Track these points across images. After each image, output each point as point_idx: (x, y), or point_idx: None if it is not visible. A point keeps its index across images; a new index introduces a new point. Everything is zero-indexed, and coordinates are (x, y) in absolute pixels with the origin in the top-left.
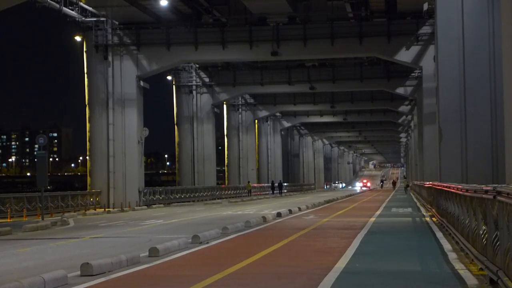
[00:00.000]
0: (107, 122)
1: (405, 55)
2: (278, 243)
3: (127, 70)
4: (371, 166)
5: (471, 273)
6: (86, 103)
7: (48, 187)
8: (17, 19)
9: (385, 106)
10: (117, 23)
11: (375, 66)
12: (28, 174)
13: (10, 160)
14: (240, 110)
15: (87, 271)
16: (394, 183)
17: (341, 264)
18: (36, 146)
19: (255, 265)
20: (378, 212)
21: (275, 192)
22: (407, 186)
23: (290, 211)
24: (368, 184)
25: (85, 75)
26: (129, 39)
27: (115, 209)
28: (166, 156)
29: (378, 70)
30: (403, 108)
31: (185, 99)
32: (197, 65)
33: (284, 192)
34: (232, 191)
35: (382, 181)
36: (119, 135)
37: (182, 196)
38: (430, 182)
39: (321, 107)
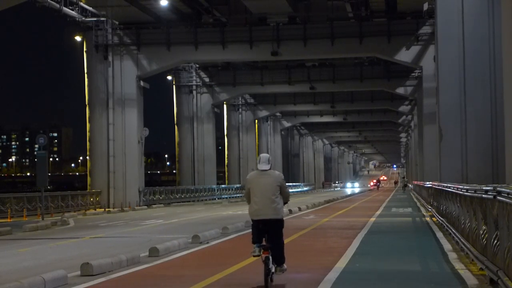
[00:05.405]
0: (107, 122)
1: (405, 55)
2: None
3: (127, 70)
4: (371, 166)
5: (471, 273)
6: (86, 103)
7: (48, 187)
8: (17, 19)
9: (385, 106)
10: (117, 23)
11: (375, 66)
12: (28, 174)
13: (10, 160)
14: (240, 110)
15: (87, 271)
16: (396, 183)
17: (341, 264)
18: (36, 146)
19: (255, 265)
20: (378, 212)
21: None
22: (405, 185)
23: (290, 211)
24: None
25: (85, 75)
26: (129, 39)
27: (115, 209)
28: (166, 156)
29: (378, 70)
30: (403, 108)
31: (185, 99)
32: (197, 65)
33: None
34: (233, 191)
35: (379, 180)
36: (119, 135)
37: (182, 196)
38: (430, 182)
39: (321, 107)
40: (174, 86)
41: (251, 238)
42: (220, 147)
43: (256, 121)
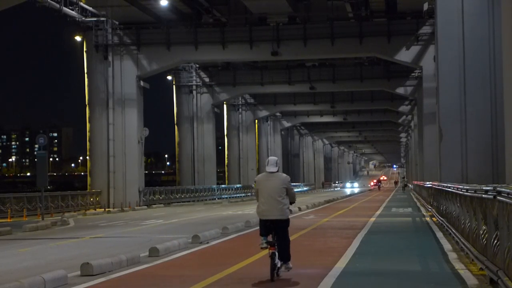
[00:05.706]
0: (107, 122)
1: (405, 55)
2: None
3: (127, 70)
4: (371, 166)
5: (471, 273)
6: (86, 103)
7: (48, 187)
8: (17, 19)
9: (385, 106)
10: (117, 23)
11: (375, 66)
12: (28, 174)
13: (10, 160)
14: (240, 110)
15: (87, 271)
16: (396, 183)
17: (341, 264)
18: (36, 146)
19: (255, 265)
20: (378, 212)
21: None
22: (405, 185)
23: (290, 211)
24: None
25: (85, 75)
26: (129, 39)
27: (115, 209)
28: (166, 156)
29: (378, 70)
30: (403, 108)
31: (185, 99)
32: (197, 65)
33: None
34: (233, 191)
35: (379, 180)
36: (119, 135)
37: (182, 196)
38: (430, 182)
39: (321, 107)
40: (174, 86)
41: (259, 232)
42: (220, 147)
43: (256, 121)
